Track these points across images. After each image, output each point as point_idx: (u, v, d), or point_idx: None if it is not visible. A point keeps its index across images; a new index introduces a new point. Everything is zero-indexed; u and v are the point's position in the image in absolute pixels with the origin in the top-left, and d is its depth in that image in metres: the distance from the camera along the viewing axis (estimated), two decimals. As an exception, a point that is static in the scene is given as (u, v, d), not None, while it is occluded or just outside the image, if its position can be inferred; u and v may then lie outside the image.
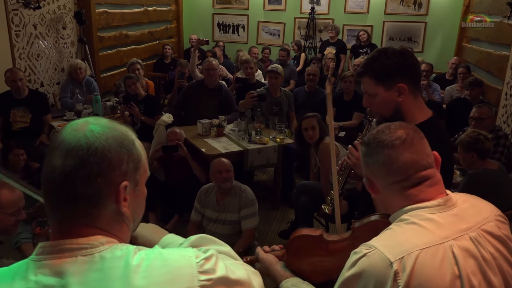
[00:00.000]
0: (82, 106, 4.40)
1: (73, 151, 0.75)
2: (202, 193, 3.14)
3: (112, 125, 0.81)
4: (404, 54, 1.49)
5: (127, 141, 0.81)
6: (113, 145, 0.78)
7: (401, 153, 1.04)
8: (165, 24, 7.59)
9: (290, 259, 1.32)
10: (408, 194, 1.04)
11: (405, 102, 1.47)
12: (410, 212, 1.03)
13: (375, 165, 1.07)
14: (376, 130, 1.12)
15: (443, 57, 7.05)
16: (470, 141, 2.62)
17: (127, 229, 0.84)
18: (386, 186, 1.07)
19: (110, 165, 0.77)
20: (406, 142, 1.05)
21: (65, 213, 0.78)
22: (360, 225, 1.20)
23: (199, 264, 0.78)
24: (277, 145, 3.84)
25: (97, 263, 0.74)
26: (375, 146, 1.07)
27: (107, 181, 0.77)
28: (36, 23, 4.68)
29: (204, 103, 4.38)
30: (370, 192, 1.13)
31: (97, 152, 0.76)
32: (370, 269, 0.94)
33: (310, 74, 4.99)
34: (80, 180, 0.75)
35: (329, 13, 7.68)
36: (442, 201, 1.03)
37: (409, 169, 1.04)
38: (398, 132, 1.06)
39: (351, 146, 1.70)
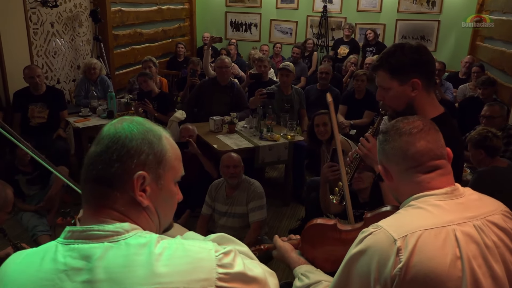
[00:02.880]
0: (98, 103, 4.50)
1: (103, 139, 0.85)
2: (212, 188, 3.20)
3: (143, 122, 0.89)
4: (420, 50, 1.52)
5: (152, 134, 0.87)
6: (136, 136, 0.85)
7: (417, 140, 1.10)
8: (179, 23, 7.67)
9: (305, 247, 1.38)
10: (420, 181, 1.09)
11: (418, 97, 1.51)
12: (418, 199, 1.08)
13: (392, 151, 1.12)
14: (394, 120, 1.18)
15: (456, 55, 7.00)
16: (479, 138, 2.63)
17: (149, 220, 0.88)
18: (401, 172, 1.12)
19: (128, 153, 0.83)
20: (423, 131, 1.11)
21: (89, 193, 0.85)
22: (372, 215, 1.25)
23: (218, 258, 0.81)
24: (288, 142, 3.88)
25: (122, 249, 0.78)
26: (393, 134, 1.13)
27: (124, 167, 0.83)
28: (53, 21, 4.79)
29: (216, 100, 4.44)
30: (384, 179, 1.18)
31: (119, 140, 0.84)
32: (375, 245, 1.00)
33: (322, 72, 5.01)
34: (102, 163, 0.83)
35: (341, 11, 7.68)
36: (449, 190, 1.08)
37: (424, 156, 1.09)
38: (416, 122, 1.13)
39: (363, 138, 1.74)
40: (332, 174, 2.47)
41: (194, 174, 3.79)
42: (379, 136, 1.19)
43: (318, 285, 1.23)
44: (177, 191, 0.94)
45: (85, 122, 4.18)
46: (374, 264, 0.99)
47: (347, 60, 6.55)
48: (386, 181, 1.17)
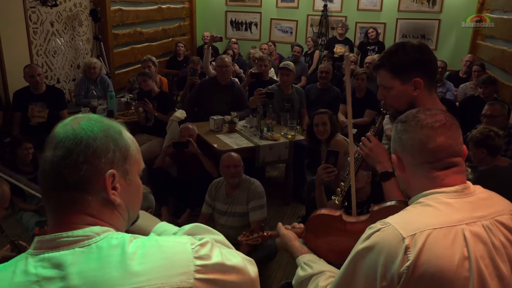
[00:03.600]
0: (97, 102, 4.49)
1: (61, 142, 0.81)
2: (212, 187, 3.20)
3: (98, 118, 0.86)
4: (422, 49, 1.51)
5: (113, 131, 0.85)
6: (99, 135, 0.82)
7: (438, 134, 1.07)
8: (179, 22, 7.66)
9: (308, 237, 1.37)
10: (434, 177, 1.08)
11: (420, 96, 1.50)
12: (427, 196, 1.07)
13: (410, 142, 1.10)
14: (416, 110, 1.16)
15: (457, 54, 6.99)
16: (481, 137, 2.62)
17: (120, 217, 0.87)
18: (415, 165, 1.10)
19: (95, 153, 0.81)
20: (445, 126, 1.09)
21: (57, 202, 0.82)
22: (379, 209, 1.25)
23: (195, 250, 0.79)
24: (288, 142, 3.87)
25: (94, 253, 0.77)
26: (414, 124, 1.10)
27: (93, 168, 0.81)
28: (53, 20, 4.78)
29: (217, 100, 4.43)
30: (396, 168, 1.16)
31: (82, 141, 0.81)
32: (383, 242, 0.99)
33: (323, 71, 5.00)
34: (67, 168, 0.79)
35: (342, 10, 7.66)
36: (460, 188, 1.06)
37: (442, 151, 1.07)
38: (439, 116, 1.11)
39: (364, 137, 1.73)
40: (327, 175, 2.46)
41: (194, 174, 3.79)
42: (396, 124, 1.16)
43: (321, 276, 1.22)
44: (140, 183, 0.92)
45: (85, 121, 4.17)
46: (381, 261, 0.98)
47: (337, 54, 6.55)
48: (397, 171, 1.15)
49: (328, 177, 2.49)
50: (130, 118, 4.33)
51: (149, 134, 4.26)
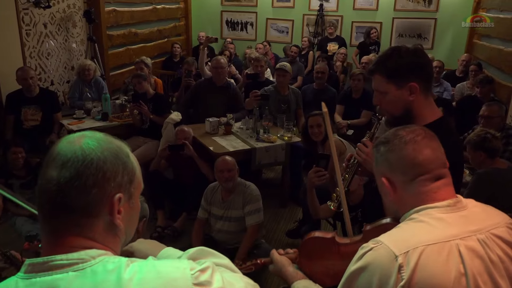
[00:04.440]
0: (92, 104, 4.44)
1: (68, 162, 0.76)
2: (208, 191, 3.16)
3: (107, 139, 0.83)
4: (417, 53, 1.49)
5: (122, 153, 0.82)
6: (109, 157, 0.79)
7: (423, 147, 1.07)
8: (174, 22, 7.61)
9: (302, 261, 1.34)
10: (427, 190, 1.05)
11: (415, 101, 1.47)
12: (420, 212, 1.04)
13: (398, 161, 1.08)
14: (394, 129, 1.15)
15: (453, 54, 6.97)
16: (478, 140, 2.60)
17: (119, 241, 0.84)
18: (406, 182, 1.08)
19: (105, 177, 0.78)
20: (426, 138, 1.08)
21: (59, 224, 0.78)
22: (372, 228, 1.21)
23: (194, 276, 0.77)
24: (285, 143, 3.84)
25: (88, 277, 0.73)
26: (397, 142, 1.09)
27: (102, 192, 0.78)
28: (46, 22, 4.73)
29: (212, 101, 4.39)
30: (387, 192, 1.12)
31: (92, 163, 0.77)
32: (376, 262, 0.96)
33: (319, 72, 4.97)
34: (75, 191, 0.76)
35: (338, 9, 7.64)
36: (452, 202, 1.04)
37: (432, 163, 1.06)
38: (418, 130, 1.10)
39: (360, 143, 1.70)
40: (318, 179, 2.44)
41: (191, 176, 3.75)
42: (378, 147, 1.14)
43: None
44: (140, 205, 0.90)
45: (79, 124, 4.12)
46: (375, 281, 0.95)
47: (337, 53, 6.54)
48: (390, 193, 1.11)
49: (319, 181, 2.47)
50: (125, 121, 4.29)
51: (144, 136, 4.21)
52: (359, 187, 2.58)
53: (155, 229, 3.58)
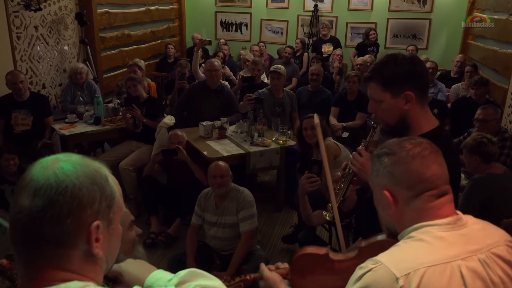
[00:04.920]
0: (84, 108, 4.39)
1: (41, 190, 0.71)
2: (202, 197, 3.12)
3: (83, 162, 0.78)
4: (414, 61, 1.46)
5: (100, 177, 0.78)
6: (85, 183, 0.74)
7: (431, 162, 1.03)
8: (168, 23, 7.55)
9: (294, 278, 1.30)
10: (432, 206, 1.02)
11: (411, 110, 1.44)
12: (419, 230, 1.01)
13: (405, 175, 1.03)
14: (398, 140, 1.10)
15: (448, 54, 6.97)
16: (474, 145, 2.57)
17: (100, 270, 0.80)
18: (411, 197, 1.03)
19: (81, 204, 0.73)
20: (433, 153, 1.05)
21: (33, 256, 0.73)
22: (367, 245, 1.17)
23: None
24: (279, 147, 3.80)
25: None
26: (404, 155, 1.04)
27: (78, 221, 0.73)
28: (37, 24, 4.66)
29: (206, 104, 4.35)
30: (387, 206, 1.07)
31: (67, 190, 0.72)
32: (376, 284, 0.93)
33: (313, 73, 4.94)
34: (49, 221, 0.71)
35: (332, 10, 7.61)
36: (452, 220, 1.01)
37: (439, 179, 1.03)
38: (424, 143, 1.06)
39: (355, 152, 1.67)
40: (310, 185, 2.41)
41: (184, 182, 3.71)
42: (382, 158, 1.08)
43: None
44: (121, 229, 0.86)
45: (71, 129, 4.07)
46: None
47: (333, 53, 6.52)
48: (391, 207, 1.06)
49: (311, 187, 2.44)
50: (118, 125, 4.23)
51: (137, 141, 4.16)
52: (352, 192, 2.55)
53: (149, 235, 3.54)
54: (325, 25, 7.13)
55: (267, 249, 3.50)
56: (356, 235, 2.76)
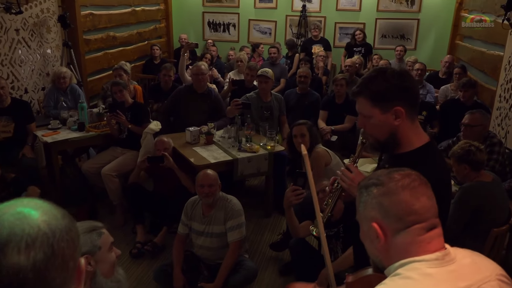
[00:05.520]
0: (68, 114, 4.28)
1: (36, 241, 0.66)
2: (188, 206, 3.05)
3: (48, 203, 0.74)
4: (403, 76, 1.42)
5: (66, 214, 0.75)
6: (69, 223, 0.72)
7: (420, 194, 1.00)
8: (154, 24, 7.45)
9: None
10: (421, 240, 0.98)
11: (401, 126, 1.41)
12: (406, 266, 0.97)
13: (395, 206, 1.00)
14: (386, 171, 1.07)
15: (436, 54, 6.98)
16: (462, 153, 2.54)
17: None
18: (400, 229, 1.00)
19: (74, 245, 0.71)
20: (422, 185, 1.02)
21: None
22: (354, 281, 1.13)
23: None
24: (268, 153, 3.75)
25: None
26: (393, 186, 1.01)
27: (75, 264, 0.71)
28: (18, 27, 4.54)
29: (193, 109, 4.28)
30: (376, 239, 1.02)
31: (62, 235, 0.69)
32: None
33: (301, 76, 4.89)
34: (55, 271, 0.67)
35: (321, 10, 7.57)
36: (440, 255, 0.97)
37: (428, 211, 1.00)
38: (413, 175, 1.03)
39: (344, 168, 1.63)
40: (295, 198, 2.37)
41: (171, 189, 3.64)
42: (370, 189, 1.04)
43: None
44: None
45: (54, 135, 3.96)
46: None
47: (315, 56, 6.48)
48: (380, 240, 1.01)
49: (296, 200, 2.40)
50: (102, 130, 4.13)
51: (122, 147, 4.07)
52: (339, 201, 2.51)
53: (135, 245, 3.46)
54: (316, 26, 7.07)
55: (256, 257, 3.45)
56: (345, 245, 2.73)
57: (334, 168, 3.31)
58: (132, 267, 3.30)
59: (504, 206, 2.59)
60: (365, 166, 3.53)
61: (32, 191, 3.38)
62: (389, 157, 1.53)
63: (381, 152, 1.63)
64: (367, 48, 6.91)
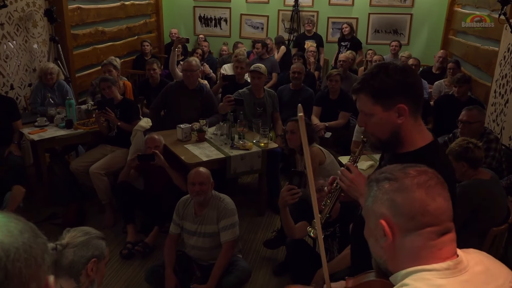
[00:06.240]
0: (55, 111, 4.16)
1: None
2: (180, 205, 2.97)
3: (10, 216, 0.66)
4: (406, 71, 1.36)
5: (35, 227, 0.67)
6: (31, 238, 0.64)
7: (437, 194, 0.92)
8: (144, 19, 7.31)
9: None
10: (434, 245, 0.91)
11: (404, 124, 1.34)
12: (414, 275, 0.90)
13: (407, 204, 0.92)
14: (401, 166, 0.99)
15: (429, 49, 6.95)
16: (460, 151, 2.49)
17: None
18: (411, 230, 0.92)
19: (37, 263, 0.62)
20: (439, 184, 0.94)
21: None
22: (355, 286, 1.06)
23: None
24: (261, 151, 3.67)
25: None
26: (409, 183, 0.93)
27: (39, 283, 0.63)
28: (3, 22, 4.39)
29: (184, 105, 4.18)
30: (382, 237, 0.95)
31: (19, 253, 0.60)
32: None
33: (295, 72, 4.81)
34: None
35: (313, 5, 7.49)
36: (452, 264, 0.90)
37: (443, 214, 0.92)
38: (430, 173, 0.95)
39: (344, 168, 1.56)
40: (291, 198, 2.31)
41: (162, 187, 3.55)
42: (381, 183, 0.97)
43: None
44: None
45: (40, 133, 3.84)
46: None
47: (306, 51, 6.41)
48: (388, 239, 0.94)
49: (292, 199, 2.33)
50: (91, 128, 4.03)
51: (112, 145, 3.97)
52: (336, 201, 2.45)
53: (125, 245, 3.37)
54: (310, 21, 6.99)
55: (250, 256, 3.38)
56: (341, 245, 2.67)
57: (328, 167, 3.25)
58: (123, 268, 3.21)
59: (503, 204, 2.55)
60: (360, 164, 3.47)
61: (17, 190, 3.27)
62: (391, 157, 1.47)
63: (383, 152, 1.57)
64: (353, 42, 6.83)
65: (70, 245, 1.57)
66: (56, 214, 3.78)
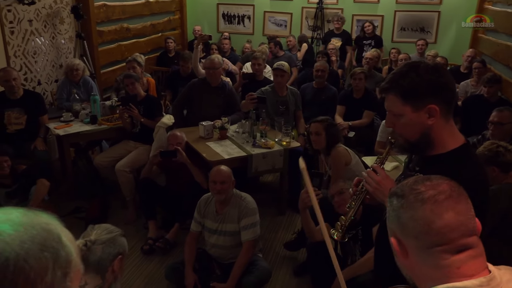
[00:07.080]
0: (81, 106, 4.23)
1: None
2: (201, 203, 2.96)
3: (28, 220, 0.62)
4: (438, 70, 1.30)
5: (52, 239, 0.62)
6: (32, 251, 0.59)
7: (445, 210, 0.86)
8: (168, 16, 7.35)
9: None
10: (447, 265, 0.85)
11: (435, 126, 1.29)
12: None
13: (411, 222, 0.88)
14: (413, 179, 0.94)
15: (457, 48, 6.75)
16: (490, 155, 2.40)
17: None
18: (421, 249, 0.88)
19: (28, 280, 0.57)
20: (451, 198, 0.87)
21: None
22: None
23: None
24: (283, 149, 3.63)
25: None
26: (413, 199, 0.89)
27: None
28: (31, 18, 4.48)
29: (207, 102, 4.18)
30: (397, 254, 0.93)
31: (8, 264, 0.56)
32: None
33: (318, 70, 4.74)
34: None
35: (337, 2, 7.38)
36: (485, 281, 0.84)
37: (453, 231, 0.86)
38: (442, 185, 0.89)
39: (370, 170, 1.51)
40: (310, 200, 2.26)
41: (184, 184, 3.56)
42: (392, 199, 0.94)
43: None
44: None
45: (66, 128, 3.91)
46: None
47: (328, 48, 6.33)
48: (399, 257, 0.92)
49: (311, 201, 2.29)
50: (115, 124, 4.07)
51: (135, 141, 4.00)
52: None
53: (146, 241, 3.40)
54: (339, 18, 6.89)
55: (270, 256, 3.35)
56: (363, 248, 2.61)
57: (354, 168, 3.19)
58: (144, 263, 3.24)
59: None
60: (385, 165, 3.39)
61: (42, 184, 3.34)
62: (419, 159, 1.41)
63: (411, 154, 1.51)
64: (376, 41, 6.72)
65: (98, 242, 1.59)
66: (80, 208, 3.84)
